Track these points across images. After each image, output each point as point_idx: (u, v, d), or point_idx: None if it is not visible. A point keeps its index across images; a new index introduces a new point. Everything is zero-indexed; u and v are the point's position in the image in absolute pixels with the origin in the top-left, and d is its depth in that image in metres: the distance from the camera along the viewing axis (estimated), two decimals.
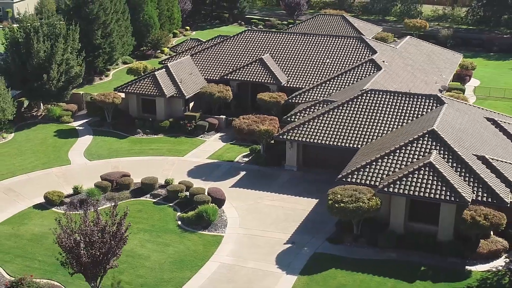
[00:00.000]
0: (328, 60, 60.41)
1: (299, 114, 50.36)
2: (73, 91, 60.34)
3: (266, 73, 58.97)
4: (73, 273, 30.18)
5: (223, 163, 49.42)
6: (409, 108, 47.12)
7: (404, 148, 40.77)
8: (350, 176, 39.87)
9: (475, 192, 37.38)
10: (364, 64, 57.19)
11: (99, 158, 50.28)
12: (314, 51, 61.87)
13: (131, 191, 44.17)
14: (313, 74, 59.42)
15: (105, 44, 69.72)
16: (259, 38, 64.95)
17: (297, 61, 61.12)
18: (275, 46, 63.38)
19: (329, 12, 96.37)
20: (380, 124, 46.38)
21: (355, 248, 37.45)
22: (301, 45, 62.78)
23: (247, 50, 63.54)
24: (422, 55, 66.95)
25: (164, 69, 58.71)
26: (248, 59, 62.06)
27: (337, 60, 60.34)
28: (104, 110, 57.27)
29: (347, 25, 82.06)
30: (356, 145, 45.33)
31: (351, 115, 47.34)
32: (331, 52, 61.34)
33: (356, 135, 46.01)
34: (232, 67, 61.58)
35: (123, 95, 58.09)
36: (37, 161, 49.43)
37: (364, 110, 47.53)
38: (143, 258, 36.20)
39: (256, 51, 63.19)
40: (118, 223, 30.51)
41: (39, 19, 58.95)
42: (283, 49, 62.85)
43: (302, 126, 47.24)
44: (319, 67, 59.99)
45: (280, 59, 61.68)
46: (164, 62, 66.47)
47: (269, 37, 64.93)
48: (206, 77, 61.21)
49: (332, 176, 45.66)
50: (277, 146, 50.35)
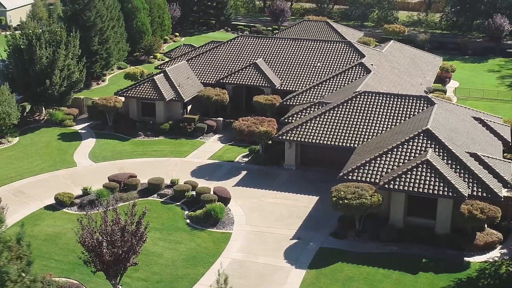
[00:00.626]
0: (319, 64, 60.58)
1: (295, 115, 50.41)
2: (73, 96, 59.65)
3: (260, 77, 58.96)
4: (95, 272, 29.84)
5: (224, 163, 49.27)
6: (401, 109, 47.43)
7: (401, 146, 41.05)
8: (351, 173, 40.02)
9: (470, 187, 37.77)
10: (354, 67, 57.45)
11: (104, 160, 49.79)
12: (305, 55, 61.99)
13: (139, 191, 43.82)
14: (305, 77, 59.56)
15: (102, 50, 69.13)
16: (252, 43, 64.90)
17: (289, 65, 61.19)
18: (267, 50, 63.38)
19: (312, 18, 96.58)
20: (374, 124, 46.63)
21: (358, 242, 37.58)
22: (292, 50, 62.86)
23: (241, 55, 63.45)
24: (406, 58, 67.49)
25: (163, 74, 58.36)
26: (242, 64, 61.98)
27: (328, 63, 60.53)
28: (105, 113, 56.75)
29: (331, 30, 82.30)
30: (352, 145, 45.51)
31: (346, 116, 47.52)
32: (322, 56, 61.51)
33: (352, 135, 46.19)
34: (227, 71, 61.46)
35: (122, 99, 57.65)
36: (44, 164, 48.80)
37: (359, 111, 47.74)
38: (156, 255, 35.91)
39: (249, 55, 63.13)
40: (137, 222, 30.27)
41: (39, 26, 58.04)
42: (275, 53, 62.88)
43: (300, 127, 47.30)
44: (310, 71, 60.13)
45: (272, 63, 61.70)
46: (160, 67, 66.14)
47: (261, 42, 64.90)
48: (202, 81, 61.01)
49: (329, 174, 46.06)
50: (275, 146, 50.37)
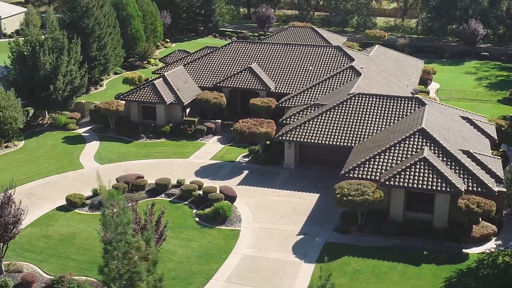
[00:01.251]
0: (311, 68, 60.67)
1: (293, 117, 50.40)
2: (76, 100, 58.96)
3: (256, 80, 58.86)
4: None
5: (226, 164, 49.05)
6: (394, 109, 47.71)
7: (398, 145, 41.29)
8: (352, 171, 40.13)
9: (466, 183, 38.14)
10: (345, 70, 57.61)
11: (109, 162, 49.27)
12: (297, 59, 62.01)
13: (147, 191, 43.45)
14: (298, 80, 59.57)
15: (100, 56, 68.40)
16: (246, 48, 64.74)
17: (282, 68, 61.15)
18: (261, 55, 63.26)
19: (297, 24, 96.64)
20: (369, 124, 46.83)
21: (361, 237, 37.71)
22: (285, 54, 62.84)
23: (236, 60, 63.24)
24: (391, 61, 67.93)
25: (162, 78, 57.93)
26: (237, 68, 61.81)
27: (319, 67, 60.63)
28: (107, 117, 56.16)
29: (316, 35, 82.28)
30: (349, 144, 45.65)
31: (342, 116, 47.66)
32: (313, 60, 61.59)
33: (348, 134, 46.32)
34: (223, 75, 61.22)
35: (123, 102, 57.05)
36: (52, 166, 48.11)
37: (354, 112, 47.91)
38: (170, 253, 35.58)
39: (243, 60, 62.95)
40: (156, 221, 30.02)
41: (42, 33, 57.25)
42: (268, 58, 62.79)
43: (299, 127, 47.32)
44: (303, 74, 60.17)
45: (266, 67, 61.63)
46: (158, 72, 65.71)
47: (254, 47, 64.77)
48: (200, 85, 60.68)
49: (327, 172, 46.27)
50: (274, 146, 50.31)
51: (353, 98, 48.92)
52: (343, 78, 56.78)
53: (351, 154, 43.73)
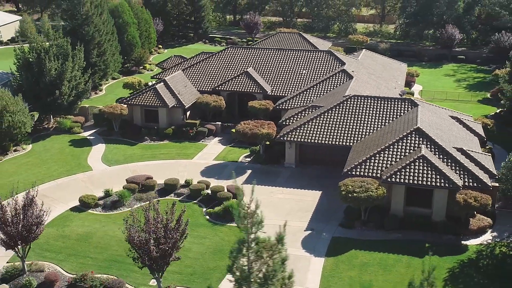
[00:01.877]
0: (305, 71, 60.72)
1: (292, 118, 50.38)
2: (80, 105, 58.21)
3: (253, 84, 58.73)
4: (142, 267, 29.15)
5: (229, 164, 48.82)
6: (388, 110, 47.95)
7: (396, 144, 41.50)
8: (354, 169, 40.23)
9: (462, 178, 38.49)
10: (338, 74, 57.73)
11: (117, 163, 48.69)
12: (290, 63, 62.02)
13: (156, 191, 43.08)
14: (292, 84, 59.57)
15: (100, 62, 67.63)
16: (241, 53, 64.55)
17: (277, 72, 61.09)
18: (256, 60, 63.11)
19: (283, 30, 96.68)
20: (366, 124, 47.00)
21: (365, 231, 37.82)
22: (279, 59, 62.80)
23: (232, 64, 63.00)
24: (378, 65, 68.29)
25: (163, 83, 57.46)
26: (234, 72, 61.59)
27: (312, 70, 60.72)
28: (111, 120, 55.53)
29: (303, 41, 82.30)
30: (348, 143, 45.77)
31: (339, 117, 47.77)
32: (306, 64, 61.65)
33: (346, 134, 46.43)
34: (221, 80, 60.97)
35: (124, 106, 56.43)
36: (61, 169, 47.40)
37: (350, 112, 48.06)
38: (185, 250, 34.99)
39: (239, 65, 62.75)
40: (177, 220, 29.69)
41: (47, 40, 56.31)
42: (263, 62, 62.66)
43: (299, 128, 47.31)
44: (297, 77, 60.20)
45: (262, 71, 61.54)
46: (156, 76, 65.22)
47: (249, 52, 64.61)
48: (198, 89, 60.30)
49: (326, 171, 46.35)
50: (274, 146, 50.21)
51: (349, 100, 49.06)
52: (336, 81, 56.91)
53: (351, 153, 43.84)
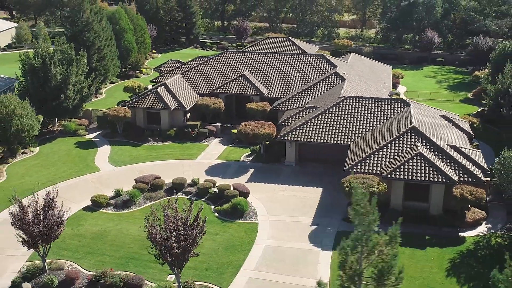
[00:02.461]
0: (298, 74, 60.74)
1: (290, 119, 50.32)
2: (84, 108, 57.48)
3: (250, 86, 58.56)
4: (163, 263, 28.83)
5: (232, 163, 48.58)
6: (382, 110, 48.14)
7: (393, 142, 41.66)
8: (355, 166, 40.31)
9: (457, 174, 38.79)
10: (330, 76, 57.85)
11: (123, 164, 48.13)
12: (285, 66, 62.00)
13: (165, 190, 42.67)
14: (287, 86, 59.56)
15: (100, 67, 66.86)
16: (236, 57, 64.34)
17: (272, 75, 61.03)
18: (251, 63, 62.99)
19: (272, 35, 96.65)
20: (362, 123, 47.14)
21: None
22: (273, 62, 62.74)
23: (228, 68, 62.78)
24: (366, 68, 68.61)
25: (163, 86, 57.01)
26: (231, 76, 61.38)
27: (306, 73, 60.77)
28: (114, 123, 54.91)
29: (292, 45, 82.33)
30: (345, 142, 45.85)
31: (336, 117, 47.85)
32: (300, 67, 61.69)
33: (343, 133, 46.52)
34: (218, 83, 60.72)
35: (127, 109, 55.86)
36: (70, 170, 46.71)
37: (347, 113, 48.16)
38: (198, 246, 34.47)
39: (236, 68, 62.57)
40: (195, 217, 29.41)
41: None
42: (258, 66, 62.57)
43: (298, 128, 47.27)
44: (291, 80, 60.20)
45: (257, 74, 61.40)
46: (155, 80, 64.73)
47: (245, 57, 64.43)
48: (197, 91, 59.99)
49: (325, 168, 46.36)
50: (273, 146, 50.09)
51: (345, 101, 49.17)
52: (329, 83, 57.01)
53: (349, 151, 43.92)
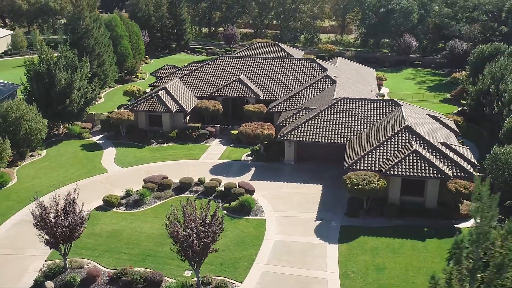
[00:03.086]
0: (291, 77, 60.79)
1: (288, 120, 50.29)
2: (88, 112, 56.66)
3: (246, 89, 58.41)
4: (185, 260, 28.54)
5: (234, 162, 48.38)
6: (375, 110, 48.41)
7: (389, 140, 41.93)
8: (355, 164, 40.47)
9: (450, 169, 39.22)
10: (322, 79, 58.04)
11: (130, 165, 47.57)
12: (278, 70, 61.98)
13: (173, 189, 42.29)
14: (281, 88, 59.55)
15: (100, 72, 66.00)
16: (231, 62, 64.09)
17: (266, 78, 60.96)
18: (246, 68, 62.80)
19: (259, 40, 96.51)
20: (357, 123, 47.33)
21: (368, 219, 38.06)
22: (267, 66, 62.67)
23: (224, 72, 62.52)
24: (352, 71, 68.97)
25: (164, 90, 56.51)
26: (227, 79, 61.13)
27: (299, 76, 60.86)
28: (118, 126, 54.25)
29: (280, 50, 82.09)
30: (342, 141, 45.99)
31: (332, 118, 47.97)
32: (292, 71, 61.73)
33: (340, 133, 46.67)
34: (215, 86, 60.42)
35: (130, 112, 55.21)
36: (79, 171, 45.98)
37: (342, 113, 48.32)
38: None
39: (231, 72, 62.32)
40: (212, 215, 29.17)
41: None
42: (253, 70, 62.42)
43: (297, 128, 47.28)
44: (285, 83, 60.22)
45: (252, 78, 61.27)
46: (153, 84, 64.17)
47: (239, 61, 64.22)
48: (195, 95, 59.59)
49: (323, 166, 46.41)
50: (273, 145, 50.03)
51: (339, 102, 49.35)
52: (321, 86, 57.17)
53: (347, 149, 44.07)
